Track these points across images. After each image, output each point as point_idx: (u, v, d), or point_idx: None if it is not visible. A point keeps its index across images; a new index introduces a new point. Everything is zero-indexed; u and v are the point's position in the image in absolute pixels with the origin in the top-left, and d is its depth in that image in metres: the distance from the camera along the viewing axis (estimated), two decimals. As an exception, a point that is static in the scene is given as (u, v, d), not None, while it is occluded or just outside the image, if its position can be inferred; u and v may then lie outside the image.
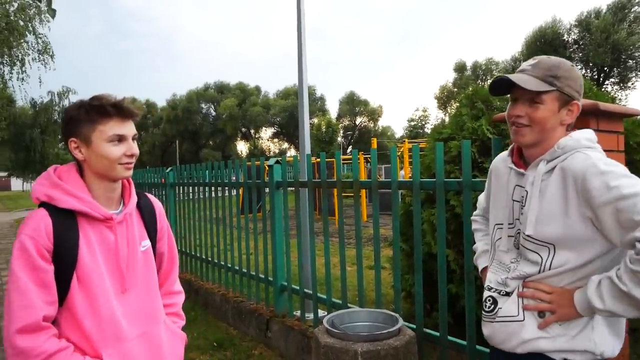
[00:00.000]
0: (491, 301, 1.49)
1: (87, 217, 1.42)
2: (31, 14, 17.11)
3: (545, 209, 1.34)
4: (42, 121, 29.48)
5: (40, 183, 1.43)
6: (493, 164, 1.67)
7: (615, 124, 2.28)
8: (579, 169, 1.29)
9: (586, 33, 28.11)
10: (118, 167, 1.43)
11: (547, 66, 1.37)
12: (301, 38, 4.45)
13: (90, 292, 1.39)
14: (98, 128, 1.40)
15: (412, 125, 50.36)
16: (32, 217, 1.38)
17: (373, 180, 3.04)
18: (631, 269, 1.18)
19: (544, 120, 1.36)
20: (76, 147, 1.43)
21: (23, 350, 1.28)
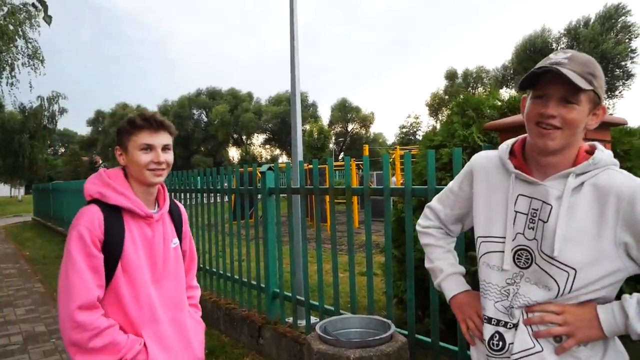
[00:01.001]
0: (498, 337, 1.28)
1: (132, 214, 1.65)
2: (21, 19, 17.02)
3: (573, 229, 1.18)
4: (31, 126, 29.18)
5: (92, 182, 1.67)
6: (474, 163, 1.44)
7: (602, 133, 2.32)
8: (626, 189, 1.15)
9: (575, 42, 28.52)
10: (147, 172, 1.64)
11: (584, 61, 1.20)
12: (294, 45, 4.47)
13: (132, 279, 1.62)
14: (132, 138, 1.64)
15: (404, 132, 50.60)
16: (86, 211, 1.60)
17: (365, 187, 3.06)
18: None
19: (578, 122, 1.19)
20: (120, 154, 1.70)
21: (81, 323, 1.50)
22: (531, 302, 1.24)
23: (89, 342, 1.51)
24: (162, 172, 1.67)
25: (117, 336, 1.56)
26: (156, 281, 1.70)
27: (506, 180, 1.32)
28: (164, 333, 1.68)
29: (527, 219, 1.26)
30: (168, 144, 1.69)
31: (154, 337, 1.65)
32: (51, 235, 13.77)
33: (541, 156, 1.26)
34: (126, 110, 54.22)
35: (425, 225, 1.62)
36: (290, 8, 4.51)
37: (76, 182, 13.01)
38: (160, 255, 1.71)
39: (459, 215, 1.54)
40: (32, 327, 5.14)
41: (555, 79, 1.17)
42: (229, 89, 53.79)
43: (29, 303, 6.19)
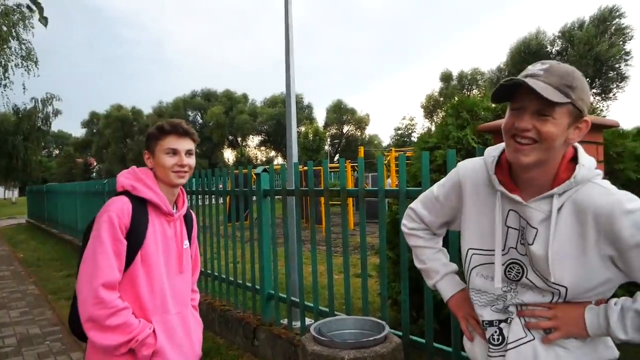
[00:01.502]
0: (498, 333, 1.33)
1: (156, 209, 1.80)
2: (15, 20, 16.95)
3: (558, 251, 1.19)
4: (25, 128, 29.03)
5: (125, 176, 1.82)
6: (462, 174, 1.43)
7: (595, 135, 2.34)
8: (603, 205, 1.15)
9: (569, 45, 28.70)
10: (171, 174, 1.80)
11: (561, 73, 1.16)
12: (289, 47, 4.48)
13: (149, 269, 1.74)
14: (159, 143, 1.81)
15: (399, 133, 50.76)
16: (117, 200, 1.73)
17: (360, 189, 3.07)
18: None
19: (554, 137, 1.16)
20: (147, 158, 1.85)
21: (103, 300, 1.60)
22: (523, 303, 1.28)
23: (107, 320, 1.61)
24: (184, 175, 1.82)
25: (130, 318, 1.67)
26: (169, 275, 1.82)
27: (493, 195, 1.32)
28: (171, 323, 1.81)
29: (519, 235, 1.27)
30: (191, 149, 1.85)
31: (162, 326, 1.77)
32: (45, 238, 13.70)
33: (520, 170, 1.25)
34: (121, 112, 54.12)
35: (411, 227, 1.61)
36: (285, 10, 4.52)
37: (70, 184, 12.96)
38: (174, 252, 1.85)
39: (444, 222, 1.55)
40: (26, 329, 5.11)
41: (531, 91, 1.14)
42: (224, 91, 53.77)
43: (23, 305, 6.16)
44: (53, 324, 5.26)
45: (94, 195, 9.36)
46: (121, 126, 54.13)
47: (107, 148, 55.13)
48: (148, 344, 1.70)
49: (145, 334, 1.68)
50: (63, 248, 11.14)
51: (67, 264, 8.90)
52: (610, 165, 3.02)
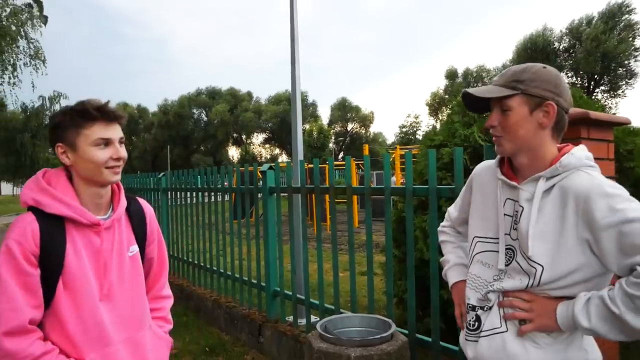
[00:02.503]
0: (475, 318, 1.42)
1: (75, 223, 1.42)
2: (23, 19, 17.04)
3: (541, 229, 1.27)
4: (33, 126, 29.20)
5: (28, 187, 1.43)
6: (475, 172, 1.58)
7: (605, 133, 2.31)
8: (582, 189, 1.23)
9: (577, 41, 28.45)
10: (105, 171, 1.43)
11: (511, 73, 1.34)
12: (294, 46, 4.47)
13: (76, 296, 1.39)
14: (83, 132, 1.40)
15: (404, 131, 50.61)
16: (19, 221, 1.38)
17: (366, 187, 3.05)
18: (626, 292, 1.14)
19: (516, 126, 1.31)
20: (63, 152, 1.44)
21: (9, 352, 1.28)
22: (504, 290, 1.35)
23: None
24: (119, 170, 1.48)
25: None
26: (107, 297, 1.46)
27: (498, 186, 1.43)
28: (114, 356, 1.46)
29: (512, 221, 1.36)
30: (122, 136, 1.49)
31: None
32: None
33: (514, 160, 1.39)
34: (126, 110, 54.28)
35: (442, 224, 1.80)
36: (290, 8, 4.50)
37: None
38: (111, 267, 1.47)
39: (465, 218, 1.64)
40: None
41: (471, 95, 1.36)
42: (229, 89, 53.84)
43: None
44: None
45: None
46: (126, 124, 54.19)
47: (113, 145, 55.29)
48: None
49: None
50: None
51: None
52: (620, 163, 2.99)
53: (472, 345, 1.42)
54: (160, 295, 1.75)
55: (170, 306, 1.79)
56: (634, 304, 1.13)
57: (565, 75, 29.76)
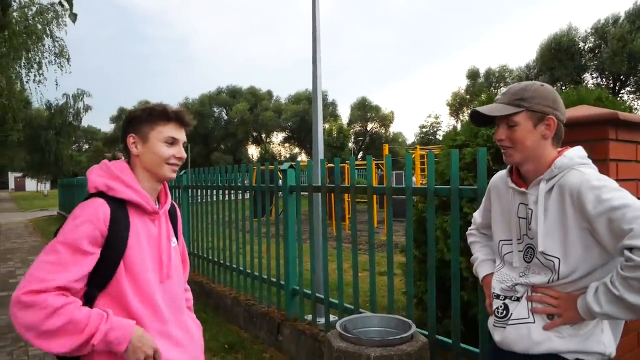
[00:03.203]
0: (503, 307, 1.57)
1: (137, 209, 1.55)
2: (49, 18, 17.37)
3: (549, 226, 1.44)
4: (57, 123, 29.81)
5: (97, 174, 1.54)
6: (492, 182, 1.75)
7: (634, 134, 2.26)
8: (574, 184, 1.40)
9: (602, 41, 27.82)
10: (165, 166, 1.58)
11: (514, 91, 1.51)
12: (316, 46, 4.48)
13: (136, 278, 1.50)
14: (157, 129, 1.57)
15: (424, 131, 50.19)
16: (90, 203, 1.47)
17: (387, 186, 3.04)
18: (622, 275, 1.27)
19: (523, 138, 1.48)
20: (133, 142, 1.58)
21: (30, 303, 1.32)
22: (531, 284, 1.50)
23: (44, 324, 1.31)
24: (177, 168, 1.63)
25: (75, 314, 1.35)
26: (161, 281, 1.58)
27: (511, 193, 1.61)
28: (170, 333, 1.57)
29: (526, 222, 1.53)
30: (186, 141, 1.67)
31: (164, 339, 1.54)
32: (75, 230, 14.04)
33: (520, 168, 1.56)
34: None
35: (470, 229, 1.96)
36: (312, 8, 4.51)
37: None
38: (165, 253, 1.60)
39: (487, 224, 1.82)
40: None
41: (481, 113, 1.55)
42: (249, 87, 54.08)
43: (53, 295, 6.33)
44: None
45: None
46: (148, 122, 54.98)
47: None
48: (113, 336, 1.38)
49: (104, 327, 1.37)
50: (92, 240, 11.40)
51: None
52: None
53: (500, 330, 1.56)
54: (186, 287, 1.87)
55: (192, 299, 1.91)
56: (628, 284, 1.26)
57: (590, 76, 29.14)
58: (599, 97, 3.40)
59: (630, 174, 2.23)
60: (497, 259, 1.69)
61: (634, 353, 2.31)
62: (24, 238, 12.89)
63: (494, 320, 1.61)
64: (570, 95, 3.53)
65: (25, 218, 19.73)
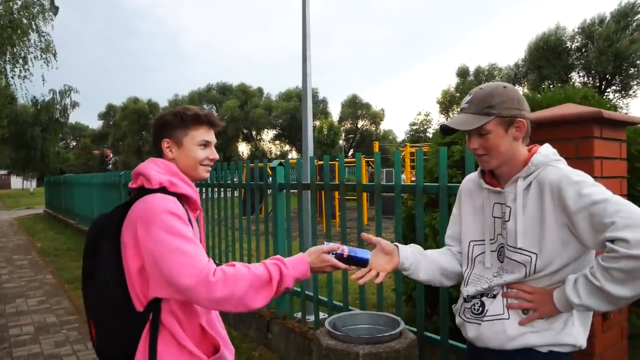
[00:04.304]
0: (479, 304, 1.58)
1: (190, 205, 1.64)
2: (35, 12, 17.10)
3: (528, 222, 1.46)
4: (43, 119, 29.46)
5: (157, 170, 1.59)
6: (462, 185, 1.76)
7: (618, 132, 2.29)
8: (554, 179, 1.41)
9: (589, 41, 28.11)
10: (200, 167, 1.67)
11: (480, 99, 1.49)
12: (306, 42, 4.47)
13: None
14: (190, 133, 1.64)
15: (414, 129, 50.40)
16: (167, 199, 1.50)
17: (377, 184, 3.05)
18: (603, 266, 1.29)
19: (497, 145, 1.48)
20: (168, 147, 1.65)
21: (220, 280, 1.42)
22: (506, 283, 1.52)
23: (240, 286, 1.43)
24: (210, 168, 1.72)
25: (253, 272, 1.48)
26: None
27: (484, 194, 1.61)
28: (212, 322, 1.66)
29: (502, 221, 1.54)
30: (216, 141, 1.75)
31: (213, 328, 1.64)
32: (62, 228, 13.92)
33: (496, 170, 1.56)
34: (137, 105, 54.61)
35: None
36: (302, 5, 4.50)
37: (87, 175, 13.13)
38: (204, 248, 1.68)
39: (456, 234, 1.78)
40: (43, 317, 5.21)
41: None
42: (239, 84, 53.85)
43: (40, 294, 6.27)
44: (69, 313, 5.34)
45: (111, 187, 9.48)
46: (137, 119, 54.59)
47: (123, 140, 55.67)
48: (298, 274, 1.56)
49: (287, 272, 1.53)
50: (80, 238, 11.30)
51: (83, 254, 9.02)
52: (631, 163, 2.95)
53: (474, 326, 1.58)
54: None
55: None
56: (610, 275, 1.28)
57: (577, 75, 29.45)
58: (585, 95, 3.44)
59: (614, 171, 2.26)
60: (464, 264, 1.69)
61: (617, 347, 2.34)
62: (9, 237, 12.73)
63: (467, 316, 1.62)
64: (557, 93, 3.57)
65: (11, 216, 19.47)
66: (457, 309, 1.73)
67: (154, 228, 1.43)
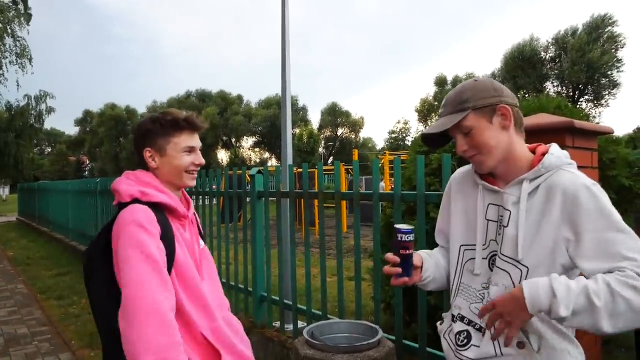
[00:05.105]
0: (465, 334, 1.40)
1: (171, 213, 1.58)
2: (10, 17, 16.80)
3: (528, 229, 1.28)
4: (18, 125, 28.73)
5: (127, 183, 1.56)
6: (453, 178, 1.58)
7: (589, 141, 2.35)
8: (569, 186, 1.24)
9: (562, 51, 28.88)
10: (185, 175, 1.61)
11: (452, 98, 1.38)
12: (285, 53, 4.47)
13: (185, 277, 1.52)
14: (172, 140, 1.58)
15: (393, 137, 50.87)
16: (133, 210, 1.46)
17: (355, 192, 3.06)
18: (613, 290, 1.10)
19: (484, 140, 1.33)
20: (150, 156, 1.59)
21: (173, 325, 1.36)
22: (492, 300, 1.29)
23: (166, 352, 1.32)
24: (196, 174, 1.66)
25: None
26: (202, 280, 1.62)
27: (477, 191, 1.44)
28: (220, 331, 1.58)
29: (497, 226, 1.37)
30: (201, 145, 1.68)
31: (217, 336, 1.56)
32: (36, 236, 13.58)
33: (493, 170, 1.39)
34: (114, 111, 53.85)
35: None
36: (282, 14, 4.51)
37: (62, 182, 12.85)
38: (197, 256, 1.64)
39: (444, 228, 1.61)
40: (14, 329, 5.05)
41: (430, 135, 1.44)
42: (219, 91, 53.66)
43: (11, 304, 6.09)
44: (42, 324, 5.20)
45: (86, 194, 9.29)
46: (115, 125, 53.85)
47: (100, 146, 54.81)
48: None
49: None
50: (54, 247, 11.04)
51: (57, 263, 8.82)
52: (603, 171, 3.03)
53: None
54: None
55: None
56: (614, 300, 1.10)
57: (552, 84, 30.19)
58: (558, 105, 3.53)
59: (587, 180, 2.31)
60: (452, 270, 1.50)
61: (591, 353, 2.38)
62: (-20, 245, 12.36)
63: (456, 346, 1.41)
64: (532, 103, 3.64)
65: (-17, 224, 18.93)
66: (444, 329, 1.53)
67: (121, 240, 1.41)
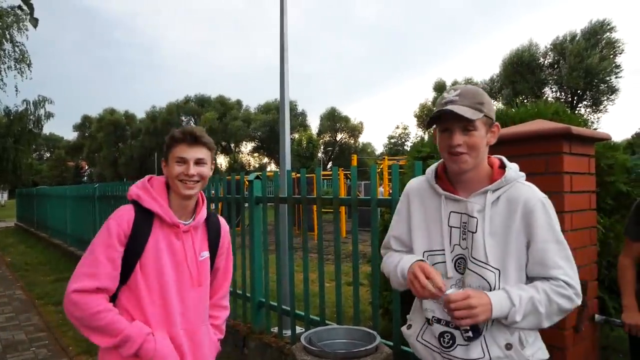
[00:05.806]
0: (449, 336, 1.49)
1: (161, 221, 1.75)
2: (9, 22, 16.85)
3: (493, 235, 1.44)
4: (16, 130, 28.73)
5: (136, 186, 1.79)
6: (410, 188, 1.67)
7: (587, 148, 2.35)
8: (528, 199, 1.44)
9: (561, 57, 28.96)
10: (177, 183, 1.74)
11: (472, 94, 1.44)
12: (284, 56, 4.48)
13: (148, 279, 1.71)
14: (172, 151, 1.76)
15: (392, 142, 50.94)
16: (122, 208, 1.75)
17: (353, 198, 3.06)
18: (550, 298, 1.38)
19: (479, 144, 1.45)
20: (164, 166, 1.80)
21: (76, 302, 1.60)
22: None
23: (88, 321, 1.61)
24: (193, 185, 1.75)
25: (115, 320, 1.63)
26: (182, 289, 1.77)
27: (437, 201, 1.55)
28: (177, 338, 1.74)
29: (460, 232, 1.50)
30: (202, 158, 1.76)
31: (164, 340, 1.71)
32: (34, 241, 13.54)
33: (459, 176, 1.51)
34: (113, 116, 53.93)
35: (383, 252, 1.81)
36: (280, 19, 4.53)
37: (61, 188, 12.84)
38: (185, 265, 1.78)
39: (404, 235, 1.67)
40: (11, 335, 5.04)
41: (453, 115, 1.42)
42: (218, 97, 53.73)
43: (9, 310, 6.07)
44: (39, 330, 5.18)
45: (85, 199, 9.28)
46: (113, 130, 53.91)
47: (99, 152, 54.82)
48: (146, 348, 1.65)
49: (141, 338, 1.64)
50: (52, 252, 11.02)
51: (55, 269, 8.79)
52: (601, 177, 3.03)
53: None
54: (221, 304, 2.02)
55: (226, 318, 2.05)
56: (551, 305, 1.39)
57: (550, 90, 30.26)
58: (556, 111, 3.53)
59: (583, 186, 2.31)
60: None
61: (589, 358, 2.38)
62: (-21, 250, 12.32)
63: (441, 349, 1.51)
64: (530, 109, 3.65)
65: (-19, 230, 18.88)
66: (416, 332, 1.63)
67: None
